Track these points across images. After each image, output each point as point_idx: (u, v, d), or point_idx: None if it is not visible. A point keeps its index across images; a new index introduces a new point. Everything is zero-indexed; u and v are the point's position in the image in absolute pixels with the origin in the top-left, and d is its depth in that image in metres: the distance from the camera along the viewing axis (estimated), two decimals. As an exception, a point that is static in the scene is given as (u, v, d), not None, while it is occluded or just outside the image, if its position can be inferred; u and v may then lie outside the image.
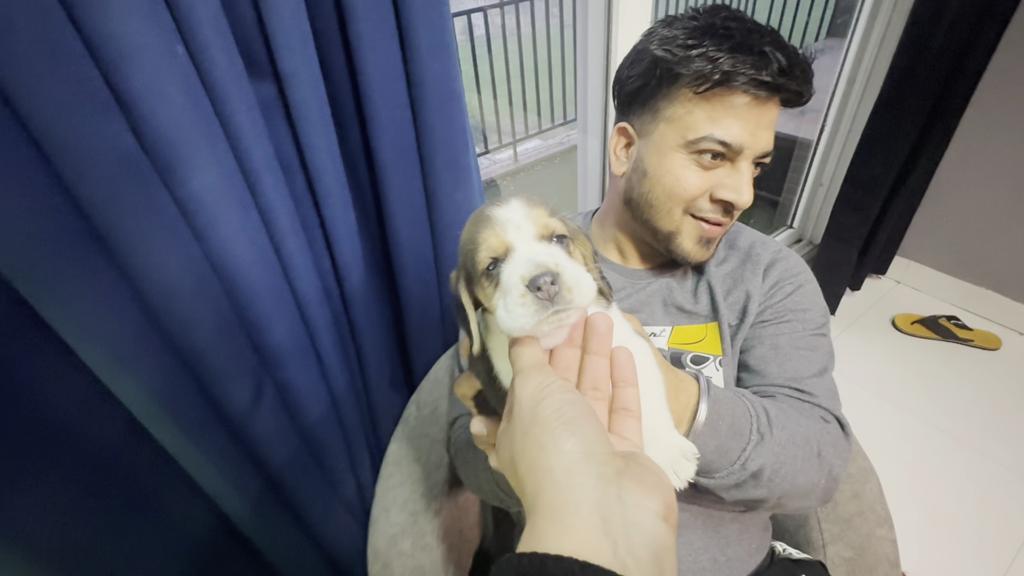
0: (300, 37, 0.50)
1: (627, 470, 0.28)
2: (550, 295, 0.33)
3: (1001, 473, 1.45)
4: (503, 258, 0.36)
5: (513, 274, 0.34)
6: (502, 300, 0.35)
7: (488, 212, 0.38)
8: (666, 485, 0.29)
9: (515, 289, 0.34)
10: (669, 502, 0.28)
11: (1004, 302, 1.86)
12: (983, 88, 1.61)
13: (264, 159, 0.52)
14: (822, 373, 0.67)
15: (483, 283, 0.37)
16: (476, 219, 0.39)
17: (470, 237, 0.38)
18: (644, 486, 0.27)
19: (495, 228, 0.36)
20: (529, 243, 0.36)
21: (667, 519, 0.27)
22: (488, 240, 0.36)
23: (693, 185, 0.64)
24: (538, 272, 0.33)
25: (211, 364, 0.55)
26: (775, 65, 0.58)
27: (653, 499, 0.27)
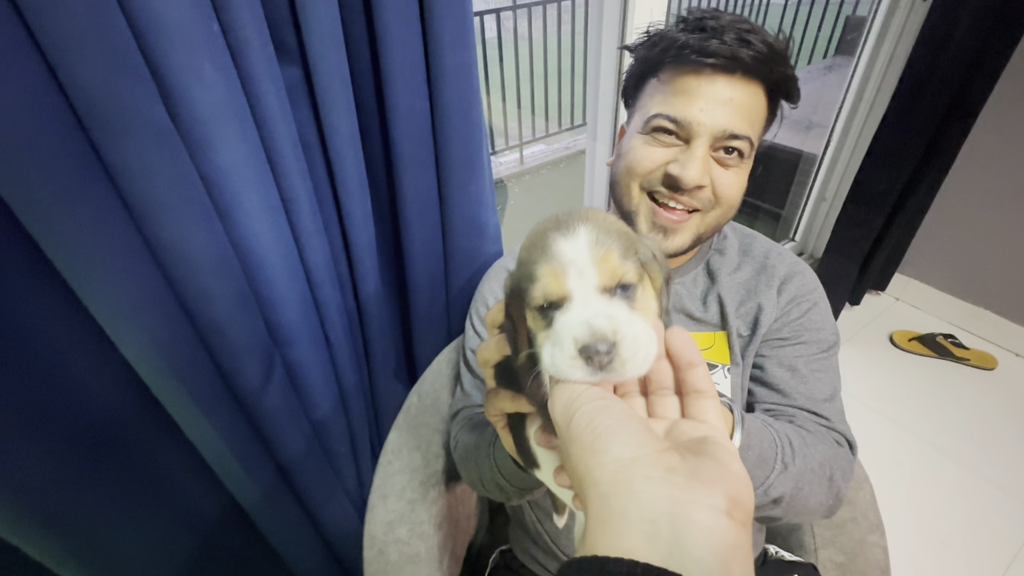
0: (330, 23, 0.51)
1: (680, 466, 0.26)
2: (601, 365, 0.31)
3: (993, 492, 1.47)
4: (559, 304, 0.34)
5: (567, 332, 0.32)
6: (550, 347, 0.33)
7: (551, 242, 0.34)
8: (731, 476, 0.26)
9: (566, 348, 0.32)
10: (734, 495, 0.25)
11: (1001, 323, 1.88)
12: (987, 111, 1.63)
13: (288, 140, 0.54)
14: (833, 396, 0.69)
15: (535, 315, 0.35)
16: (537, 243, 0.35)
17: (528, 261, 0.36)
18: (701, 480, 0.25)
19: (555, 268, 0.33)
20: (589, 295, 0.33)
21: (731, 514, 0.25)
22: (546, 282, 0.33)
23: (646, 158, 0.65)
24: (593, 341, 0.31)
25: (227, 338, 0.56)
26: (727, 37, 0.59)
27: (712, 494, 0.25)
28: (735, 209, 0.70)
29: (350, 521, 0.91)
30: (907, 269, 2.06)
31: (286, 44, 0.52)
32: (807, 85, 3.14)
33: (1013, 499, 1.44)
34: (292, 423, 0.68)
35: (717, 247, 0.77)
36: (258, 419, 0.64)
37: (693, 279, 0.76)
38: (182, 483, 0.67)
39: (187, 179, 0.47)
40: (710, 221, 0.68)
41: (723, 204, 0.66)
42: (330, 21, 0.51)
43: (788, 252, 0.77)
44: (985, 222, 1.81)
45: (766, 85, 0.64)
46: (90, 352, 0.52)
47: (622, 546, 0.23)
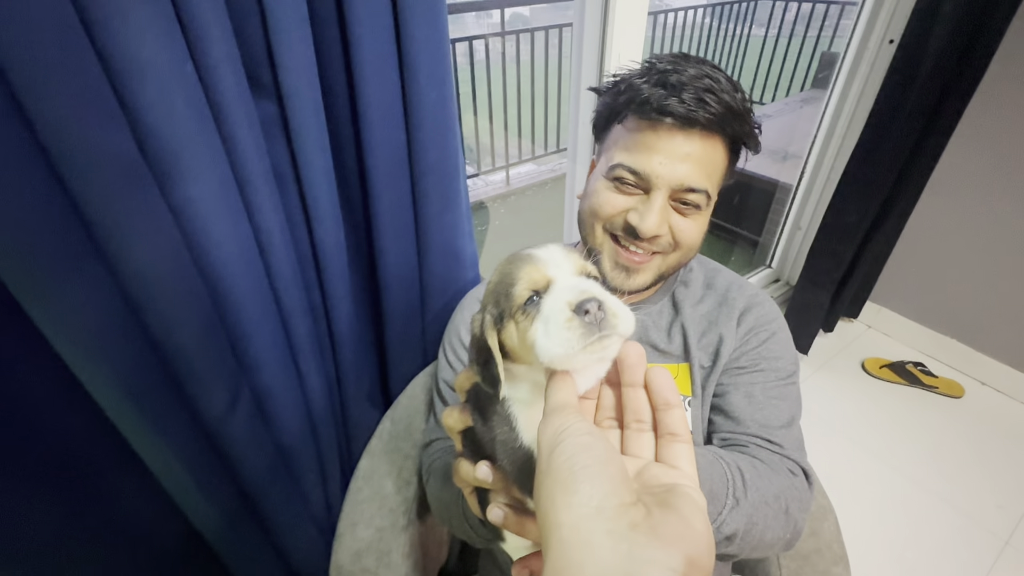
0: (304, 59, 0.52)
1: (644, 522, 0.26)
2: (596, 319, 0.33)
3: (959, 520, 1.49)
4: (544, 290, 0.36)
5: (558, 300, 0.35)
6: (543, 327, 0.35)
7: (526, 252, 0.39)
8: (693, 536, 0.26)
9: (560, 314, 0.34)
10: (692, 555, 0.25)
11: (968, 352, 1.93)
12: (952, 145, 1.71)
13: (261, 173, 0.55)
14: (791, 423, 0.69)
15: (517, 319, 0.37)
16: (512, 259, 0.39)
17: (506, 275, 0.38)
18: (661, 539, 0.25)
19: (536, 264, 0.37)
20: (569, 277, 0.37)
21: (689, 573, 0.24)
22: (529, 274, 0.37)
23: (608, 203, 0.68)
24: (584, 297, 0.34)
25: (192, 365, 0.55)
26: (686, 96, 0.60)
27: (671, 555, 0.25)
28: (695, 251, 0.72)
29: (317, 549, 0.89)
30: (878, 297, 2.12)
31: (261, 80, 0.53)
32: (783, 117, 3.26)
33: (979, 527, 1.47)
34: (257, 449, 0.68)
35: (683, 279, 0.80)
36: (221, 445, 0.63)
37: (659, 310, 0.78)
38: (141, 511, 0.66)
39: (154, 210, 0.47)
40: (671, 262, 0.71)
41: (682, 248, 0.69)
42: (305, 59, 0.52)
43: (749, 284, 0.80)
44: (952, 253, 1.87)
45: (725, 139, 0.66)
46: (46, 379, 0.51)
47: None
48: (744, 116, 0.65)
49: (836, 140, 1.89)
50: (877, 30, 1.65)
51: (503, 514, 0.42)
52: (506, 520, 0.42)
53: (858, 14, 1.68)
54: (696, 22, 3.92)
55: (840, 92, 1.82)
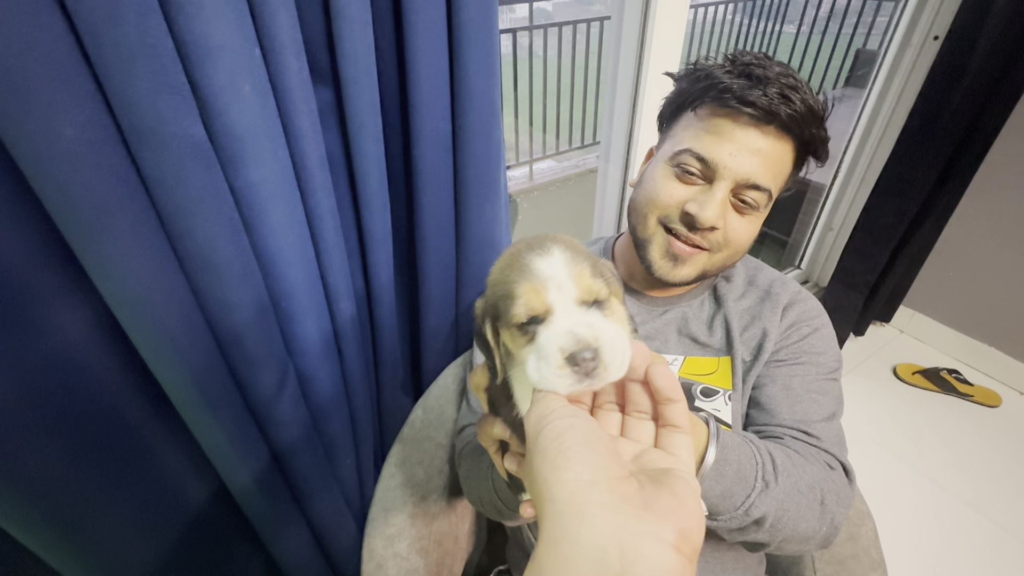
0: (364, 48, 0.53)
1: (637, 496, 0.27)
2: (587, 371, 0.33)
3: (994, 531, 1.45)
4: (542, 318, 0.35)
5: (552, 342, 0.34)
6: (535, 360, 0.35)
7: (529, 262, 0.36)
8: (685, 512, 0.27)
9: (552, 359, 0.34)
10: (684, 529, 0.26)
11: (1006, 360, 1.87)
12: (996, 148, 1.65)
13: (317, 159, 0.55)
14: (831, 418, 0.68)
15: (515, 333, 0.37)
16: (514, 264, 0.37)
17: (505, 281, 0.37)
18: (653, 512, 0.26)
19: (535, 284, 0.35)
20: (570, 307, 0.35)
21: (679, 548, 0.25)
22: (527, 297, 0.35)
23: (667, 193, 0.67)
24: (579, 348, 0.33)
25: (244, 347, 0.57)
26: (771, 90, 0.60)
27: (663, 527, 0.25)
28: (742, 254, 0.72)
29: (350, 533, 0.91)
30: (912, 302, 2.07)
31: (320, 67, 0.54)
32: (817, 115, 3.09)
33: (1015, 539, 1.43)
34: (301, 434, 0.69)
35: (724, 274, 0.79)
36: (268, 429, 0.65)
37: (700, 304, 0.77)
38: (191, 490, 0.67)
39: (218, 192, 0.48)
40: (716, 261, 0.70)
41: (731, 247, 0.69)
42: (364, 47, 0.53)
43: (792, 281, 0.79)
44: (991, 259, 1.82)
45: (797, 142, 0.66)
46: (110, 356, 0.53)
47: (570, 570, 0.24)
48: (822, 120, 0.65)
49: (874, 139, 1.84)
50: (921, 26, 1.60)
51: (517, 462, 0.45)
52: (520, 468, 0.44)
53: (901, 10, 1.64)
54: (727, 19, 3.86)
55: (880, 90, 1.77)
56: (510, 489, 0.61)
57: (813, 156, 0.69)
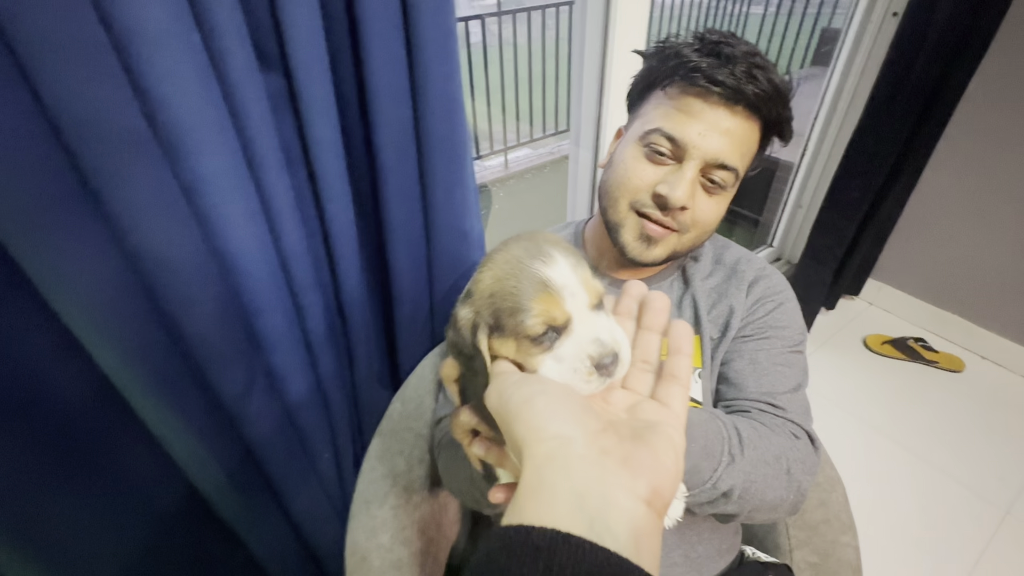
0: (312, 32, 0.51)
1: (615, 449, 0.28)
2: (610, 374, 0.36)
3: (960, 492, 1.52)
4: (562, 328, 0.36)
5: (580, 351, 0.35)
6: (555, 365, 0.36)
7: (537, 272, 0.36)
8: (659, 469, 0.28)
9: (582, 367, 0.35)
10: (657, 486, 0.27)
11: (968, 326, 1.95)
12: (954, 122, 1.70)
13: (270, 149, 0.54)
14: (796, 389, 0.70)
15: (525, 344, 0.36)
16: (517, 274, 0.36)
17: (511, 293, 0.36)
18: (630, 468, 0.27)
19: (552, 295, 0.35)
20: (585, 313, 0.36)
21: (651, 503, 0.27)
22: (546, 309, 0.35)
23: (637, 176, 0.67)
24: (605, 354, 0.35)
25: (208, 345, 0.55)
26: (738, 69, 0.60)
27: (637, 482, 0.27)
28: (710, 234, 0.73)
29: (332, 527, 0.90)
30: (879, 274, 2.13)
31: (268, 52, 0.52)
32: (785, 95, 3.12)
33: (980, 499, 1.50)
34: (275, 429, 0.68)
35: (693, 254, 0.80)
36: (240, 426, 0.64)
37: (669, 285, 0.78)
38: (161, 492, 0.66)
39: (165, 186, 0.47)
40: (686, 242, 0.71)
41: (699, 227, 0.69)
42: (313, 30, 0.51)
43: (758, 258, 0.80)
44: (953, 230, 1.88)
45: (763, 123, 0.66)
46: (64, 360, 0.51)
47: (548, 515, 0.25)
48: (787, 100, 0.65)
49: (839, 116, 1.87)
50: (880, 3, 1.63)
51: (485, 447, 0.45)
52: (488, 453, 0.45)
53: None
54: (694, 1, 3.87)
55: (843, 68, 1.80)
56: (485, 480, 0.61)
57: (778, 136, 0.70)
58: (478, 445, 0.46)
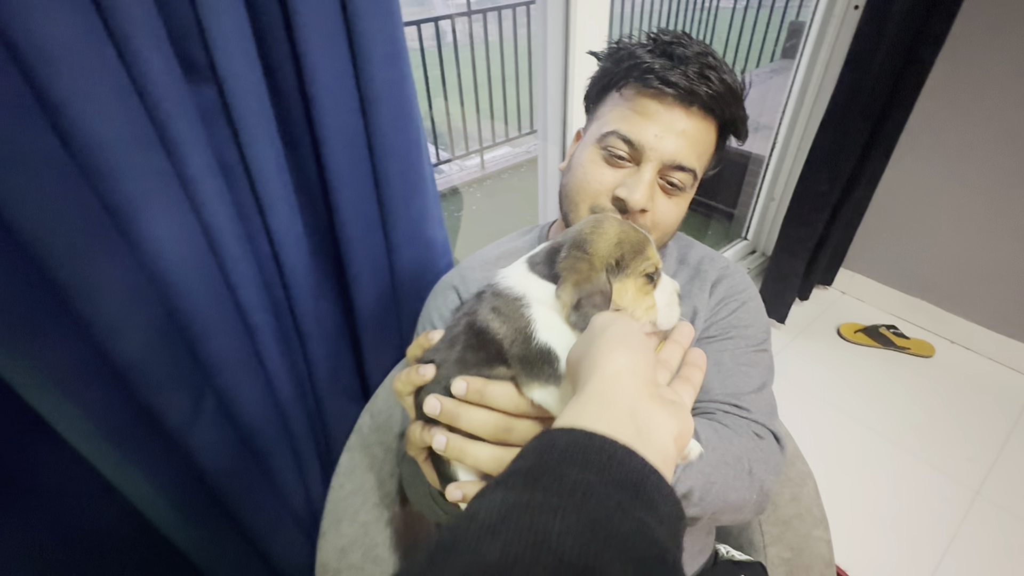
0: (239, 39, 0.49)
1: (659, 396, 0.34)
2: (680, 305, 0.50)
3: (932, 475, 1.55)
4: (656, 274, 0.48)
5: (670, 287, 0.49)
6: (663, 300, 0.48)
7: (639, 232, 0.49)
8: (686, 419, 0.34)
9: (674, 297, 0.49)
10: (683, 431, 0.33)
11: (937, 312, 1.99)
12: (918, 111, 1.73)
13: (204, 165, 0.51)
14: (761, 388, 0.69)
15: (642, 282, 0.47)
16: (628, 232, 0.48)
17: (637, 244, 0.47)
18: (666, 410, 0.33)
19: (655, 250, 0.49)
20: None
21: (676, 441, 0.32)
22: (656, 257, 0.48)
23: (596, 179, 0.66)
24: (679, 292, 0.50)
25: (145, 372, 0.52)
26: (690, 69, 0.60)
27: (671, 421, 0.32)
28: (670, 236, 0.72)
29: (301, 550, 0.88)
30: (851, 264, 2.16)
31: (196, 62, 0.49)
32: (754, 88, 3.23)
33: (951, 480, 1.53)
34: (227, 454, 0.65)
35: None
36: (190, 454, 0.61)
37: None
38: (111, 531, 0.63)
39: (88, 210, 0.44)
40: None
41: (659, 230, 0.68)
42: (240, 39, 0.49)
43: (721, 257, 0.80)
44: (919, 218, 1.91)
45: (719, 122, 0.66)
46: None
47: (606, 418, 0.30)
48: (740, 98, 0.65)
49: (806, 109, 1.89)
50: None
51: (445, 439, 0.45)
52: (448, 446, 0.45)
53: (823, -20, 1.67)
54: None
55: (808, 61, 1.81)
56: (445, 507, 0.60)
57: (734, 135, 0.70)
58: (439, 436, 0.45)
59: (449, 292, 0.80)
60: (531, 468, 0.26)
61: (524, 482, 0.25)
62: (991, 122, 1.65)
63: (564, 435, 0.28)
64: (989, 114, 1.64)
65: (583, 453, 0.26)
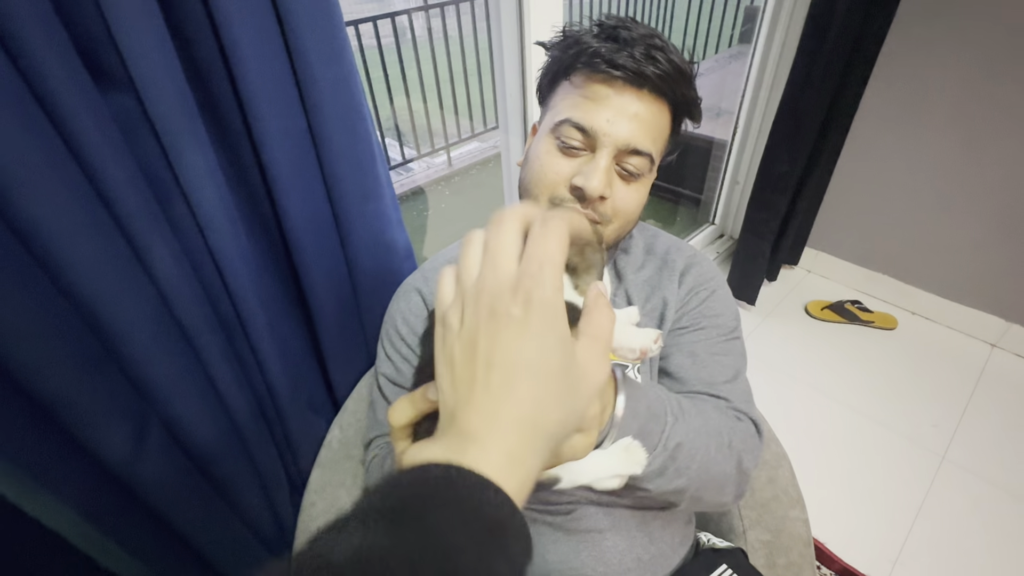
0: (153, 42, 0.45)
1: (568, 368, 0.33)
2: None
3: (900, 442, 1.60)
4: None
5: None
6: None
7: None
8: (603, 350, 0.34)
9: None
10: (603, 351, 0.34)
11: (898, 285, 2.05)
12: (870, 89, 1.77)
13: (126, 180, 0.47)
14: (736, 377, 0.69)
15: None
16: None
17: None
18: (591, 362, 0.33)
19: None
20: None
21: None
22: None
23: (553, 170, 0.65)
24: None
25: (77, 407, 0.48)
26: (636, 51, 0.59)
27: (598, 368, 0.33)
28: (634, 223, 0.71)
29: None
30: (815, 243, 2.21)
31: (107, 69, 0.45)
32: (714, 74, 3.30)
33: (918, 446, 1.58)
34: (183, 485, 0.61)
35: (623, 247, 0.78)
36: (137, 489, 0.57)
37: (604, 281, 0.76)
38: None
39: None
40: (610, 233, 0.69)
41: (620, 217, 0.67)
42: (151, 41, 0.45)
43: (687, 246, 0.80)
44: (877, 195, 1.96)
45: (671, 105, 0.65)
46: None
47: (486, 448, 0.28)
48: (690, 79, 0.64)
49: (764, 93, 1.91)
50: (793, -22, 1.67)
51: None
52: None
53: (774, -37, 1.69)
54: (622, -17, 3.88)
55: (763, 46, 1.83)
56: None
57: (688, 117, 0.69)
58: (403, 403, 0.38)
59: (412, 295, 0.77)
60: (395, 509, 0.25)
61: (386, 525, 0.24)
62: (940, 97, 1.70)
63: (438, 471, 0.27)
64: (937, 90, 1.69)
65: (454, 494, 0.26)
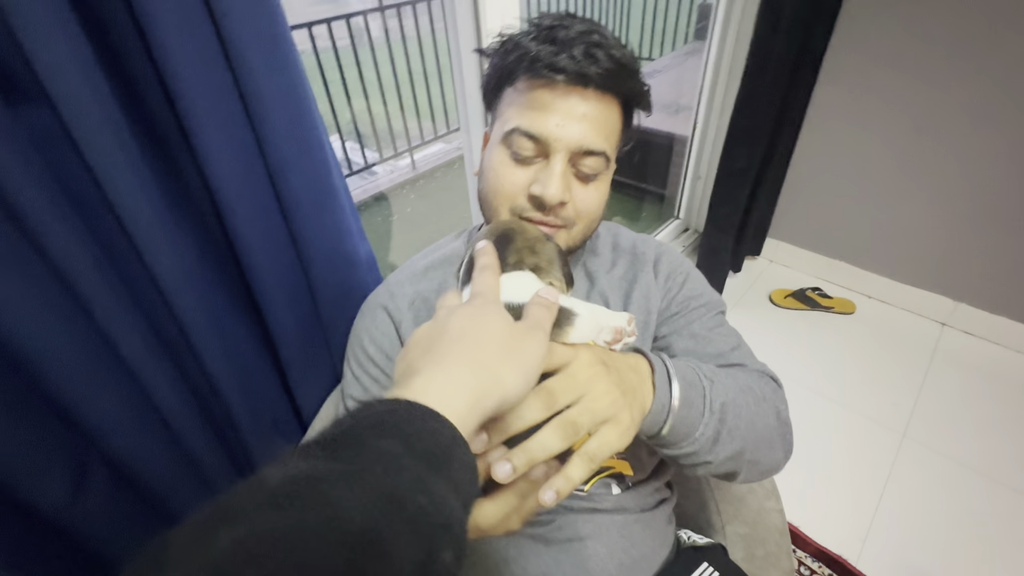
0: (69, 55, 0.41)
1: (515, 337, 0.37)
2: None
3: (863, 423, 1.66)
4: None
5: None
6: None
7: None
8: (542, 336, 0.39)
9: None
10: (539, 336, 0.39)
11: (855, 271, 2.13)
12: (821, 81, 1.83)
13: (48, 205, 0.43)
14: (739, 345, 0.71)
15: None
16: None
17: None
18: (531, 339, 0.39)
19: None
20: None
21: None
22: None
23: (509, 181, 0.64)
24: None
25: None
26: (576, 51, 0.58)
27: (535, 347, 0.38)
28: (597, 222, 0.70)
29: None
30: (776, 233, 2.27)
31: (18, 82, 0.41)
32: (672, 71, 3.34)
33: (880, 426, 1.64)
34: (131, 524, 0.57)
35: (590, 248, 0.78)
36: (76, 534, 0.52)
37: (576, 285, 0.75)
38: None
39: None
40: (576, 235, 0.68)
41: (584, 219, 0.66)
42: (71, 55, 0.41)
43: (651, 238, 0.80)
44: (831, 184, 2.04)
45: (620, 99, 0.64)
46: None
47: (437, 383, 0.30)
48: (635, 72, 0.63)
49: (720, 89, 1.95)
50: (743, -23, 1.70)
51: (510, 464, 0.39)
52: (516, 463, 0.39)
53: (724, -38, 1.72)
54: (578, -18, 3.90)
55: (718, 42, 1.87)
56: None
57: (638, 107, 0.68)
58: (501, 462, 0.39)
59: (378, 312, 0.75)
60: (335, 437, 0.25)
61: (324, 452, 0.24)
62: (885, 91, 1.77)
63: (384, 405, 0.28)
64: (882, 84, 1.76)
65: (395, 423, 0.26)
